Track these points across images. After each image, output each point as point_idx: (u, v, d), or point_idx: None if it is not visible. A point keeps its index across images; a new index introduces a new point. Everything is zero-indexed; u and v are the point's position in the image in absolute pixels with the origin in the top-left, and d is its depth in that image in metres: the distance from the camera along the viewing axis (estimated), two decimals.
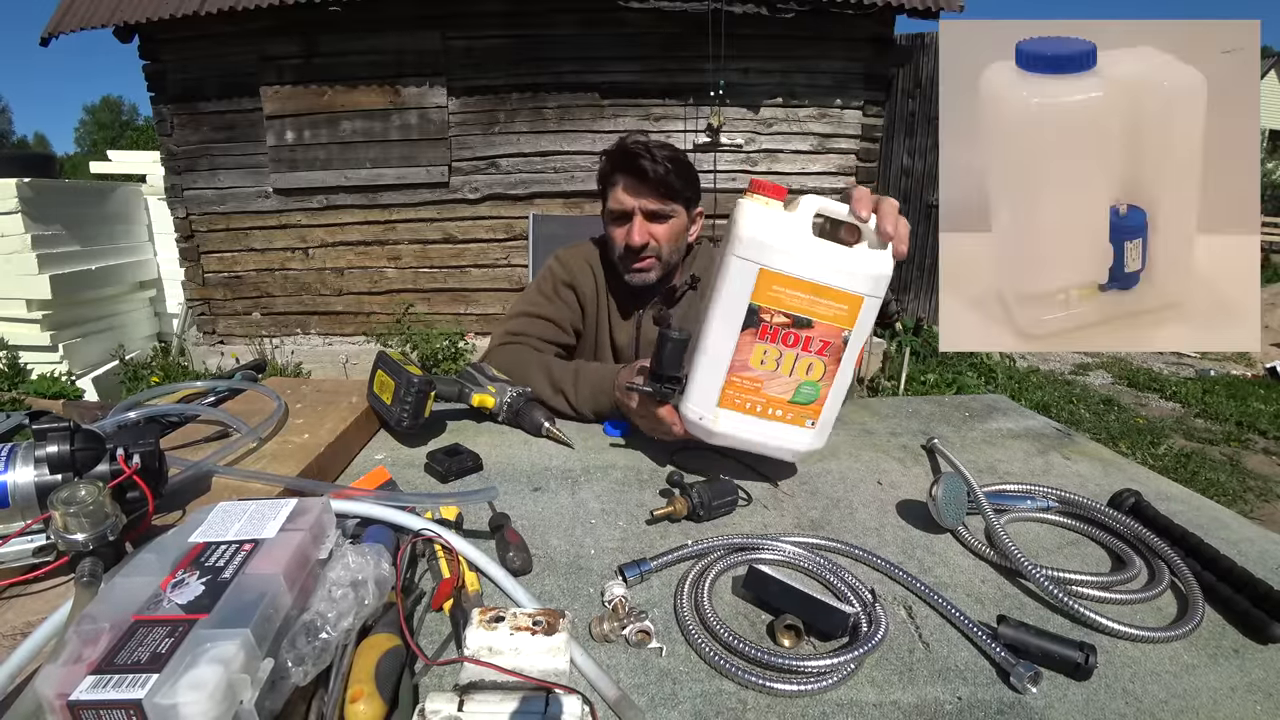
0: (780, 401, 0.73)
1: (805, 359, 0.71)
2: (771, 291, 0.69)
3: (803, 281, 0.68)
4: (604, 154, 1.23)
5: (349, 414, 0.88)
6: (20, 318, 4.26)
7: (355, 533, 0.59)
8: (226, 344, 5.11)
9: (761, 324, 0.70)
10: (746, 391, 0.73)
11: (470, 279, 4.95)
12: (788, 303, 0.69)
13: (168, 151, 4.81)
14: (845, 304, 0.69)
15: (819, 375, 0.71)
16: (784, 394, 0.72)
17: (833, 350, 0.71)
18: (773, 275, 0.68)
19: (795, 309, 0.69)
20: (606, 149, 1.24)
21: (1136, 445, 3.59)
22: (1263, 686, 0.49)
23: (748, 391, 0.73)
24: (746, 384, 0.73)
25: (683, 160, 1.19)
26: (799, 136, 4.68)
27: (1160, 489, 0.82)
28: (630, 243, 1.18)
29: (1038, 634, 0.50)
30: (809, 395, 0.72)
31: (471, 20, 4.43)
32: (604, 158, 1.22)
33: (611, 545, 0.65)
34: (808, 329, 0.70)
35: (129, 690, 0.33)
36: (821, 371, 0.71)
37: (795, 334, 0.70)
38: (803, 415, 0.74)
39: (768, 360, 0.71)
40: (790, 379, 0.72)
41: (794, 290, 0.68)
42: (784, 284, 0.68)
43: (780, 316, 0.69)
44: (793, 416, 0.74)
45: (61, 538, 0.49)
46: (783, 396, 0.73)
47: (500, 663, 0.44)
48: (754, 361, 0.71)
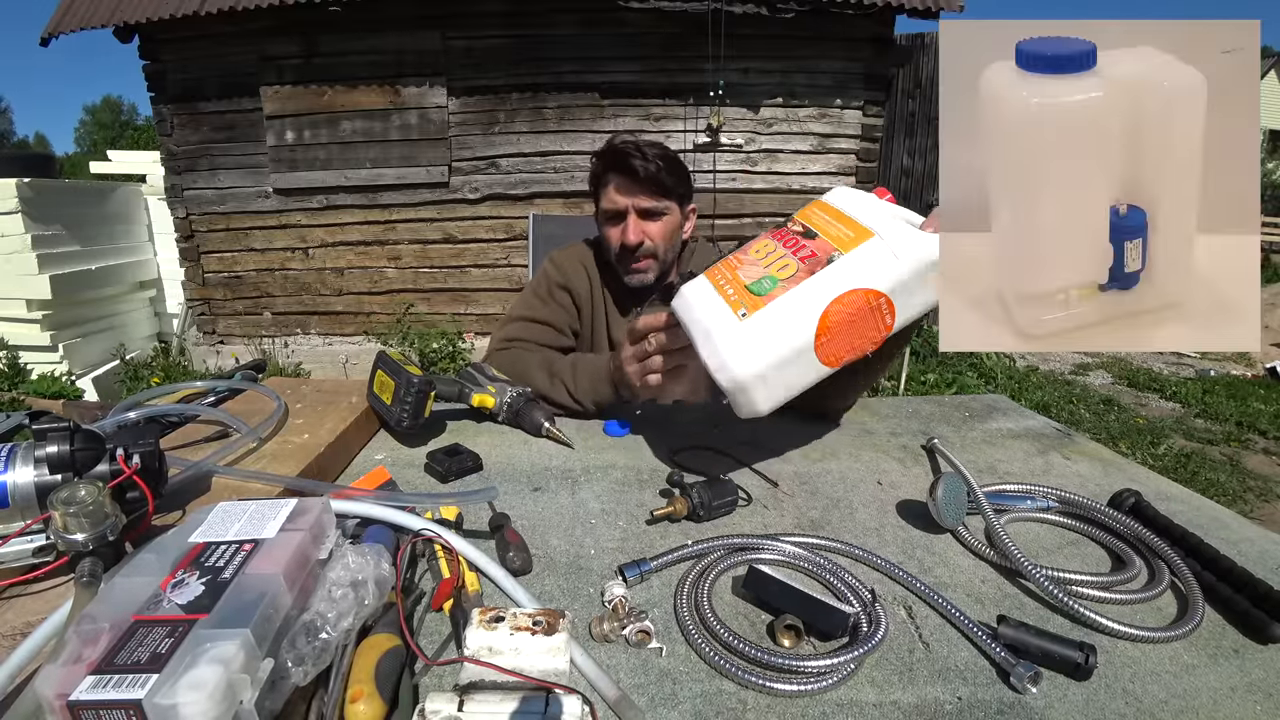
0: (739, 284, 0.73)
1: (787, 260, 0.72)
2: (810, 211, 0.77)
3: (839, 211, 0.75)
4: (594, 155, 1.24)
5: (349, 414, 0.88)
6: (20, 318, 4.26)
7: (355, 533, 0.59)
8: (226, 344, 5.11)
9: (783, 228, 0.76)
10: (728, 268, 0.76)
11: (470, 279, 4.95)
12: (813, 219, 0.75)
13: (168, 151, 4.81)
14: (852, 231, 0.71)
15: (785, 275, 0.71)
16: (747, 278, 0.73)
17: (813, 263, 0.70)
18: (821, 203, 0.78)
19: (813, 223, 0.75)
20: (597, 150, 1.24)
21: (1136, 445, 3.59)
22: (1263, 686, 0.49)
23: (729, 268, 0.76)
24: (733, 262, 0.76)
25: (673, 157, 1.20)
26: (799, 136, 4.68)
27: (1160, 489, 0.82)
28: (625, 241, 1.19)
29: (1038, 634, 0.50)
30: (764, 287, 0.70)
31: (471, 20, 4.43)
32: (595, 159, 1.23)
33: (611, 545, 0.65)
34: (810, 239, 0.73)
35: (129, 690, 0.33)
36: (790, 272, 0.70)
37: (797, 239, 0.74)
38: (742, 302, 0.70)
39: (763, 252, 0.75)
40: (762, 269, 0.73)
41: (825, 214, 0.75)
42: (823, 209, 0.76)
43: (799, 225, 0.76)
44: (735, 299, 0.71)
45: (61, 538, 0.48)
46: (744, 280, 0.73)
47: (500, 663, 0.44)
48: (754, 251, 0.77)
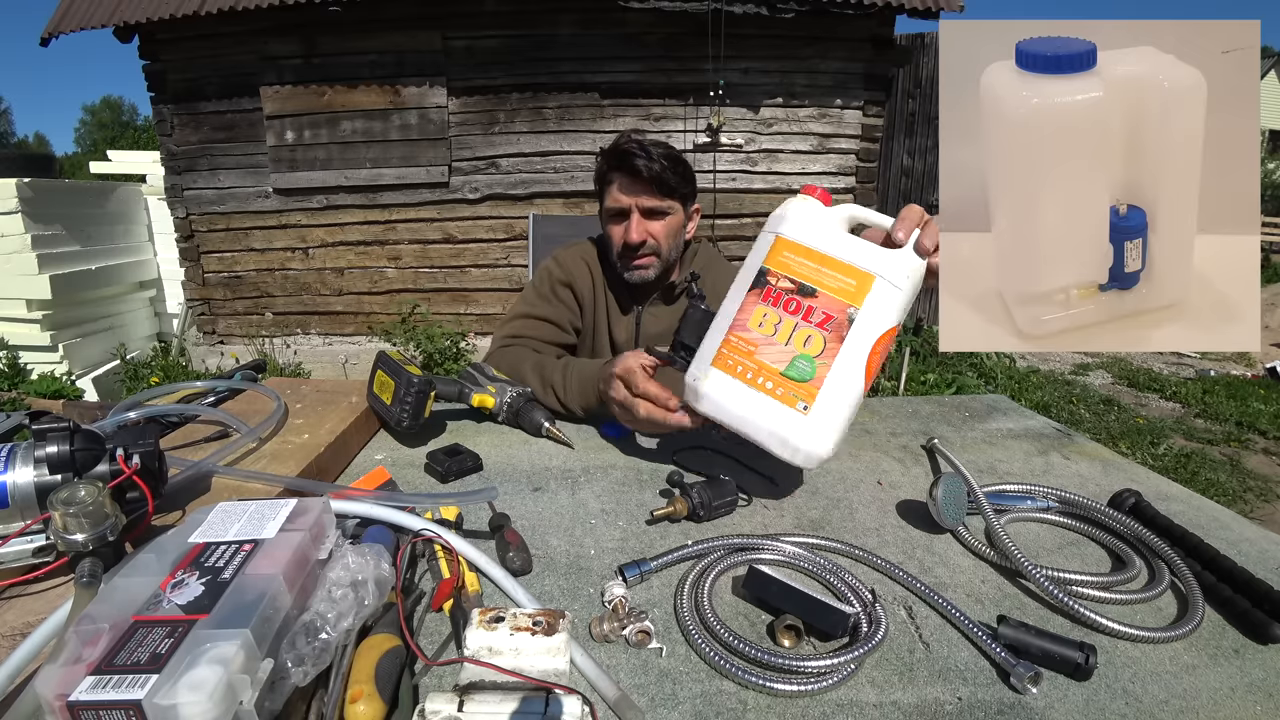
0: (773, 372, 0.69)
1: (805, 330, 0.68)
2: (782, 257, 0.71)
3: (812, 250, 0.69)
4: (600, 153, 1.24)
5: (349, 414, 0.88)
6: (20, 318, 4.26)
7: (355, 533, 0.59)
8: (226, 344, 5.11)
9: (767, 285, 0.70)
10: (740, 353, 0.70)
11: (470, 279, 4.95)
12: (795, 269, 0.70)
13: (168, 151, 4.81)
14: (853, 279, 0.67)
15: (817, 350, 0.67)
16: (778, 363, 0.69)
17: (835, 326, 0.67)
18: (785, 242, 0.71)
19: (801, 275, 0.69)
20: (602, 148, 1.25)
21: (1136, 445, 3.59)
22: (1263, 686, 0.49)
23: (742, 354, 0.70)
24: (742, 345, 0.70)
25: (678, 157, 1.20)
26: (799, 136, 4.68)
27: (1160, 489, 0.82)
28: (628, 240, 1.19)
29: (1038, 634, 0.50)
30: (804, 371, 0.68)
31: (471, 20, 4.43)
32: (600, 157, 1.23)
33: (611, 545, 0.65)
34: (811, 297, 0.68)
35: (129, 691, 0.33)
36: (820, 347, 0.67)
37: (797, 300, 0.68)
38: (794, 394, 0.67)
39: (766, 323, 0.70)
40: (786, 348, 0.68)
41: (802, 258, 0.70)
42: (794, 251, 0.70)
43: (785, 281, 0.69)
44: (784, 393, 0.68)
45: (61, 538, 0.48)
46: (776, 366, 0.69)
47: (500, 663, 0.44)
48: (753, 323, 0.70)
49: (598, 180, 1.25)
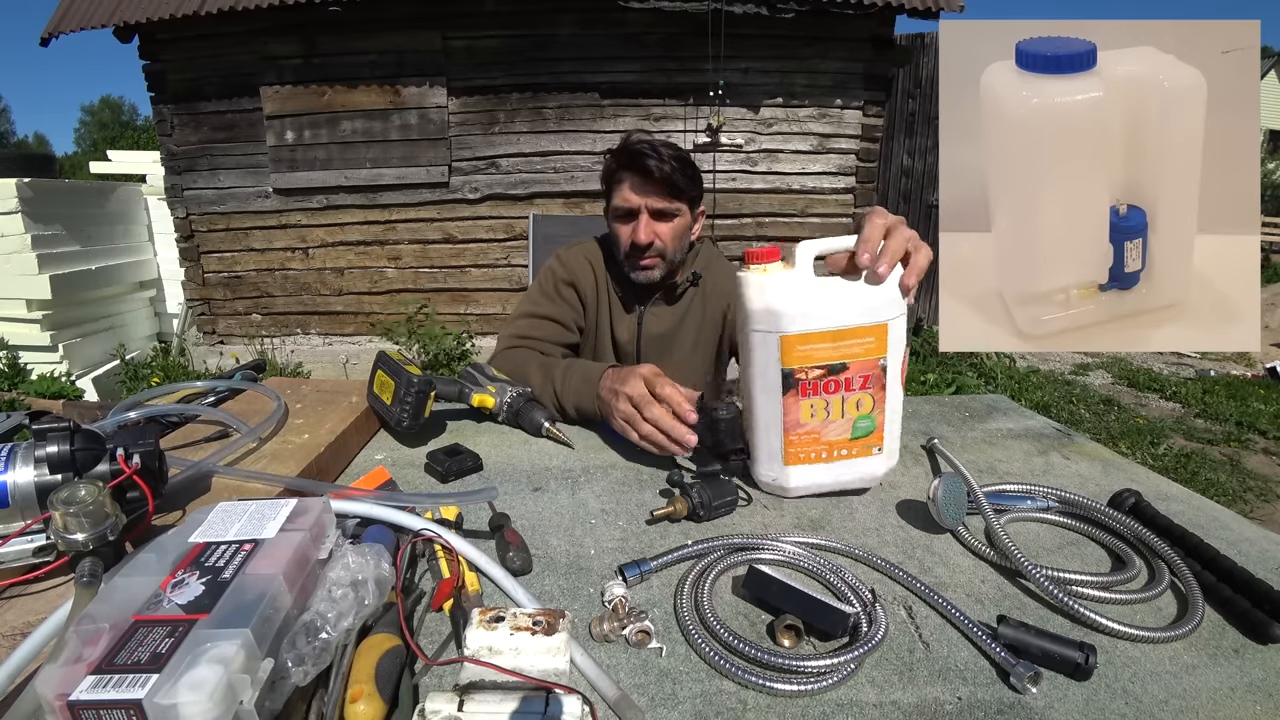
0: (842, 442, 0.73)
1: (852, 397, 0.71)
2: (798, 352, 0.70)
3: (823, 333, 0.69)
4: (609, 152, 1.24)
5: (349, 414, 0.88)
6: (20, 318, 4.26)
7: (355, 533, 0.59)
8: (226, 344, 5.11)
9: (799, 383, 0.71)
10: (807, 445, 0.73)
11: (470, 279, 4.95)
12: (816, 356, 0.70)
13: (168, 151, 4.81)
14: (872, 336, 0.69)
15: (870, 408, 0.72)
16: (843, 435, 0.73)
17: (874, 380, 0.71)
18: (794, 338, 0.69)
19: (825, 359, 0.70)
20: (611, 148, 1.25)
21: (1136, 445, 3.59)
22: (1263, 686, 0.49)
23: (808, 444, 0.73)
24: (805, 438, 0.73)
25: (687, 159, 1.21)
26: (799, 136, 4.68)
27: (1160, 489, 0.82)
28: (636, 240, 1.19)
29: (1038, 634, 0.50)
30: (867, 428, 0.73)
31: (471, 20, 4.43)
32: (609, 156, 1.23)
33: (611, 545, 0.65)
34: (843, 372, 0.70)
35: (129, 690, 0.33)
36: (871, 404, 0.72)
37: (834, 380, 0.70)
38: (868, 445, 0.74)
39: (816, 411, 0.72)
40: (844, 420, 0.72)
41: (819, 344, 0.69)
42: (807, 341, 0.69)
43: (815, 370, 0.70)
44: (859, 450, 0.74)
45: (61, 538, 0.49)
46: (843, 437, 0.73)
47: (500, 663, 0.44)
48: (804, 417, 0.72)
49: (606, 179, 1.25)
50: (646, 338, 1.30)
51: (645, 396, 0.82)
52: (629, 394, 0.83)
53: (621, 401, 0.84)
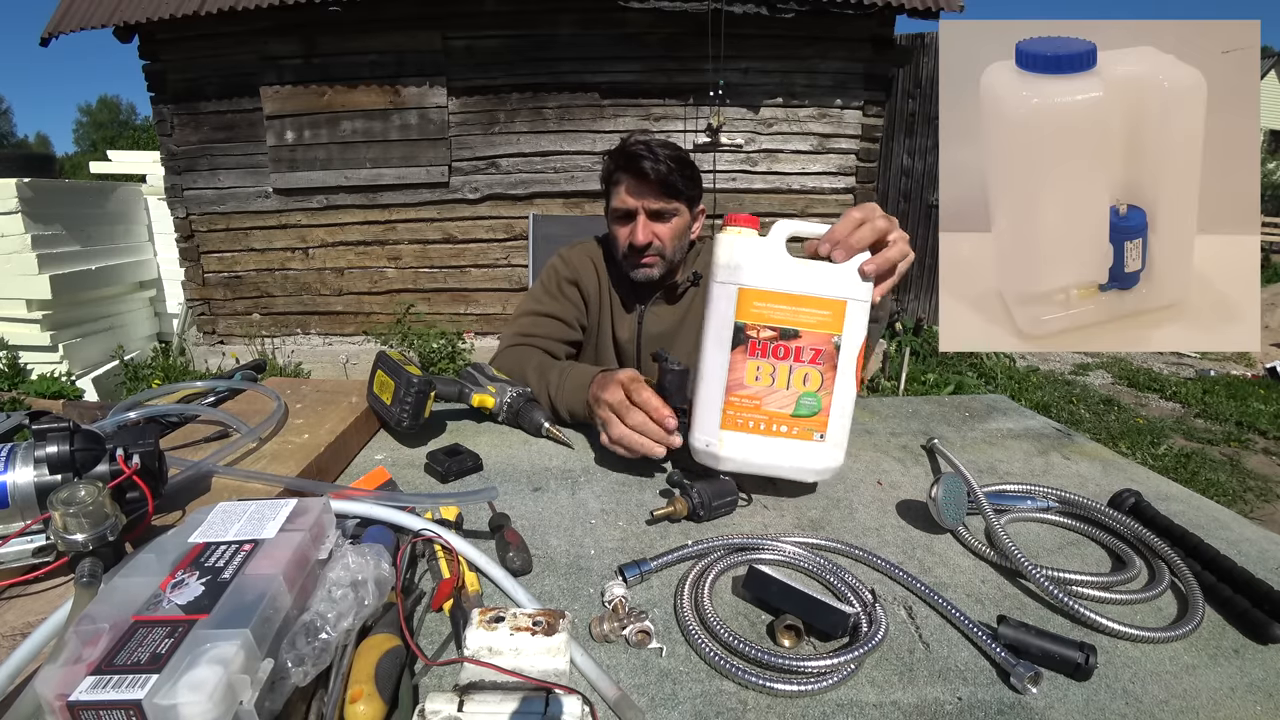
0: (783, 416, 0.72)
1: (800, 369, 0.71)
2: (754, 308, 0.70)
3: (780, 294, 0.70)
4: (607, 154, 1.24)
5: (349, 414, 0.88)
6: (20, 318, 4.26)
7: (355, 533, 0.59)
8: (226, 344, 5.11)
9: (749, 340, 0.71)
10: (746, 410, 0.72)
11: (470, 279, 4.95)
12: (771, 316, 0.70)
13: (168, 151, 4.81)
14: (828, 309, 0.69)
15: (817, 385, 0.71)
16: (785, 408, 0.72)
17: (826, 358, 0.70)
18: (751, 292, 0.70)
19: (779, 321, 0.70)
20: (609, 149, 1.25)
21: (1136, 445, 3.59)
22: (1263, 686, 0.49)
23: (747, 410, 0.72)
24: (745, 402, 0.72)
25: (685, 159, 1.21)
26: (799, 136, 4.68)
27: (1160, 489, 0.82)
28: (634, 242, 1.20)
29: (1038, 634, 0.50)
30: (811, 406, 0.72)
31: (471, 20, 4.43)
32: (608, 158, 1.24)
33: (611, 545, 0.65)
34: (795, 339, 0.70)
35: (129, 691, 0.33)
36: (819, 382, 0.71)
37: (784, 345, 0.70)
38: (809, 428, 0.72)
39: (762, 375, 0.71)
40: (788, 391, 0.71)
41: (774, 304, 0.70)
42: (764, 299, 0.70)
43: (766, 330, 0.70)
44: (799, 431, 0.72)
45: (61, 538, 0.48)
46: (784, 411, 0.72)
47: (500, 663, 0.44)
48: (749, 379, 0.72)
49: (604, 180, 1.26)
50: (647, 337, 1.30)
51: (623, 403, 0.80)
52: (607, 400, 0.82)
53: (601, 409, 0.82)
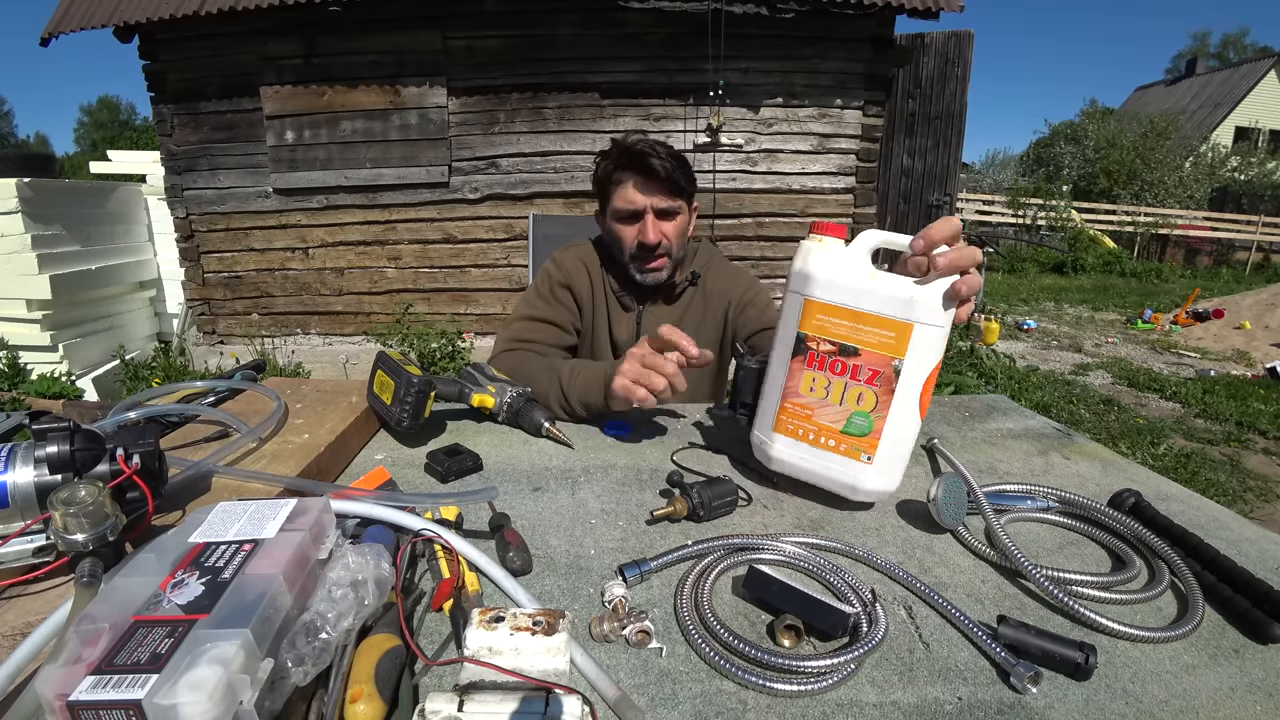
0: (832, 431, 0.72)
1: (855, 388, 0.70)
2: (816, 320, 0.70)
3: (844, 309, 0.69)
4: (603, 155, 1.24)
5: (349, 414, 0.88)
6: (20, 318, 4.25)
7: (355, 533, 0.59)
8: (226, 344, 5.11)
9: (809, 351, 0.71)
10: (798, 418, 0.73)
11: (470, 279, 4.95)
12: (832, 331, 0.70)
13: (168, 151, 4.81)
14: (892, 331, 0.67)
15: (870, 406, 0.70)
16: (835, 423, 0.71)
17: (884, 380, 0.68)
18: (816, 304, 0.70)
19: (840, 337, 0.69)
20: (604, 150, 1.24)
21: (1136, 445, 3.59)
22: (1263, 686, 0.49)
23: (799, 418, 0.73)
24: (798, 410, 0.73)
25: (682, 156, 1.22)
26: (799, 136, 4.68)
27: (1160, 489, 0.82)
28: (645, 241, 1.20)
29: (1038, 634, 0.50)
30: (861, 427, 0.71)
31: (471, 20, 4.43)
32: (604, 159, 1.23)
33: (611, 545, 0.65)
34: (854, 357, 0.69)
35: (129, 690, 0.33)
36: (873, 403, 0.69)
37: (842, 362, 0.70)
38: (857, 448, 0.71)
39: (816, 387, 0.71)
40: (840, 408, 0.71)
41: (837, 319, 0.69)
42: (827, 312, 0.70)
43: (826, 344, 0.70)
44: (846, 448, 0.71)
45: (61, 538, 0.48)
46: (834, 426, 0.71)
47: (500, 663, 0.44)
48: (804, 388, 0.72)
49: (602, 182, 1.25)
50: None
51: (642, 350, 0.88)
52: (631, 351, 0.90)
53: (624, 360, 0.90)
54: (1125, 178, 15.06)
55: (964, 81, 5.08)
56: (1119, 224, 13.08)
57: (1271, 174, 16.18)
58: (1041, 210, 12.76)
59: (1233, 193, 15.74)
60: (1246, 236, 12.98)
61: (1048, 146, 18.60)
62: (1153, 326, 6.96)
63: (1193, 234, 12.95)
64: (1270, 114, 20.13)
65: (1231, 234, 13.06)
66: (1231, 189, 15.84)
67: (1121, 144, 15.45)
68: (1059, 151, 17.12)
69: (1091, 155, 16.11)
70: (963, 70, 5.07)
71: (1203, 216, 13.56)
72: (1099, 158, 15.83)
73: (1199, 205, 14.77)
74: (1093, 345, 6.23)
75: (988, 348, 5.09)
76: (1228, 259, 12.95)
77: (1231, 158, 16.78)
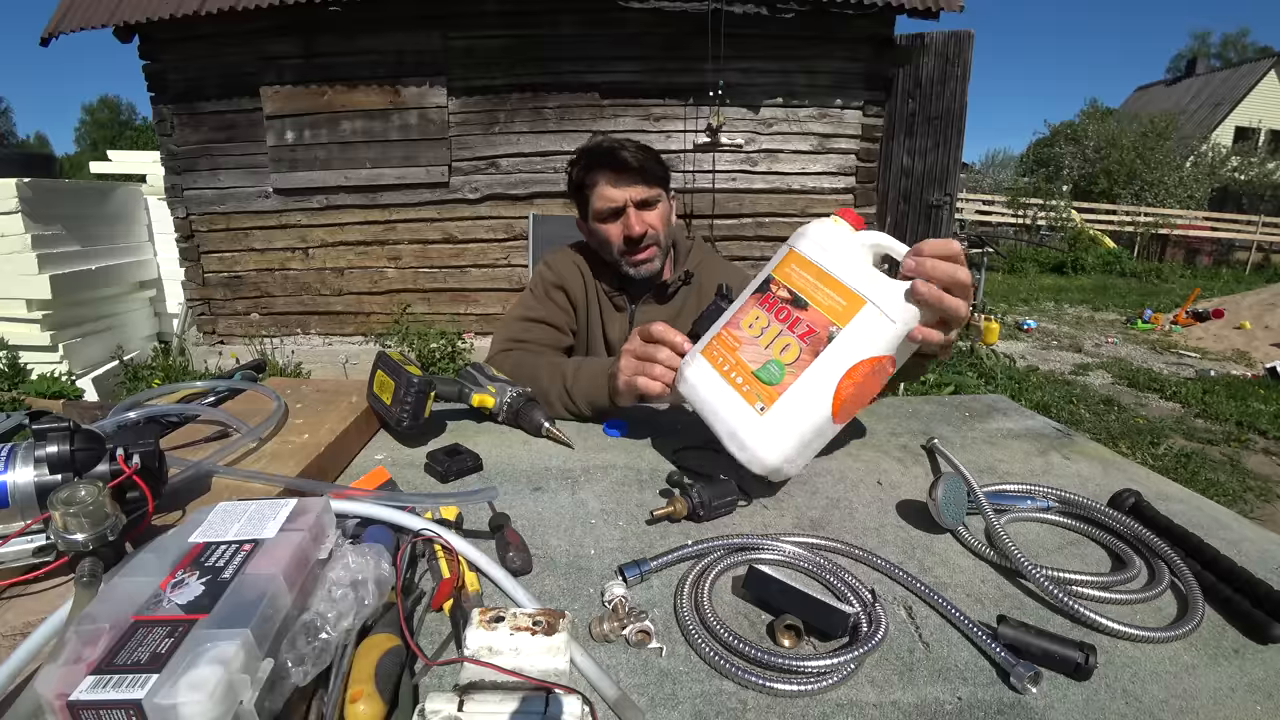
0: (746, 369, 0.72)
1: (786, 338, 0.71)
2: (788, 268, 0.74)
3: (813, 265, 0.72)
4: (572, 163, 1.25)
5: (349, 414, 0.88)
6: (20, 318, 4.25)
7: (355, 533, 0.59)
8: (226, 344, 5.11)
9: (768, 292, 0.74)
10: (726, 348, 0.76)
11: (470, 279, 4.95)
12: (795, 281, 0.73)
13: (168, 151, 4.81)
14: (844, 299, 0.68)
15: (790, 359, 0.69)
16: (752, 363, 0.72)
17: (813, 341, 0.68)
18: (795, 255, 0.74)
19: (798, 287, 0.72)
20: (571, 159, 1.25)
21: (1136, 445, 3.59)
22: (1263, 686, 0.49)
23: (727, 348, 0.76)
24: (730, 340, 0.76)
25: (649, 147, 1.23)
26: (799, 136, 4.68)
27: (1160, 489, 0.82)
28: (631, 233, 1.20)
29: (1038, 634, 0.50)
30: (773, 375, 0.70)
31: (471, 20, 4.43)
32: (574, 166, 1.24)
33: (611, 545, 0.65)
34: (802, 310, 0.71)
35: (129, 690, 0.33)
36: (794, 356, 0.69)
37: (789, 310, 0.72)
38: (756, 394, 0.70)
39: (755, 326, 0.74)
40: (764, 351, 0.72)
41: (806, 273, 0.72)
42: (800, 265, 0.73)
43: (784, 291, 0.73)
44: (748, 390, 0.71)
45: (61, 538, 0.48)
46: (750, 365, 0.72)
47: (500, 663, 0.44)
48: (745, 323, 0.75)
49: (576, 187, 1.26)
50: None
51: (650, 333, 0.88)
52: (626, 348, 0.91)
53: (621, 358, 0.91)
54: (1125, 178, 15.05)
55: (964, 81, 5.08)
56: (1119, 224, 13.08)
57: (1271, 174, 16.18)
58: (1041, 210, 12.77)
59: (1233, 193, 15.74)
60: (1246, 236, 12.98)
61: (1048, 146, 18.58)
62: (1153, 326, 6.96)
63: (1193, 234, 12.96)
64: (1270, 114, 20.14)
65: (1231, 234, 13.07)
66: (1232, 189, 15.84)
67: (1122, 144, 15.44)
68: (1059, 151, 17.11)
69: (1091, 155, 16.10)
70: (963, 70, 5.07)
71: (1203, 216, 13.56)
72: (1099, 158, 15.82)
73: (1199, 205, 14.76)
74: (1093, 345, 6.23)
75: (988, 348, 5.10)
76: (1228, 259, 12.96)
77: (1232, 158, 16.78)
